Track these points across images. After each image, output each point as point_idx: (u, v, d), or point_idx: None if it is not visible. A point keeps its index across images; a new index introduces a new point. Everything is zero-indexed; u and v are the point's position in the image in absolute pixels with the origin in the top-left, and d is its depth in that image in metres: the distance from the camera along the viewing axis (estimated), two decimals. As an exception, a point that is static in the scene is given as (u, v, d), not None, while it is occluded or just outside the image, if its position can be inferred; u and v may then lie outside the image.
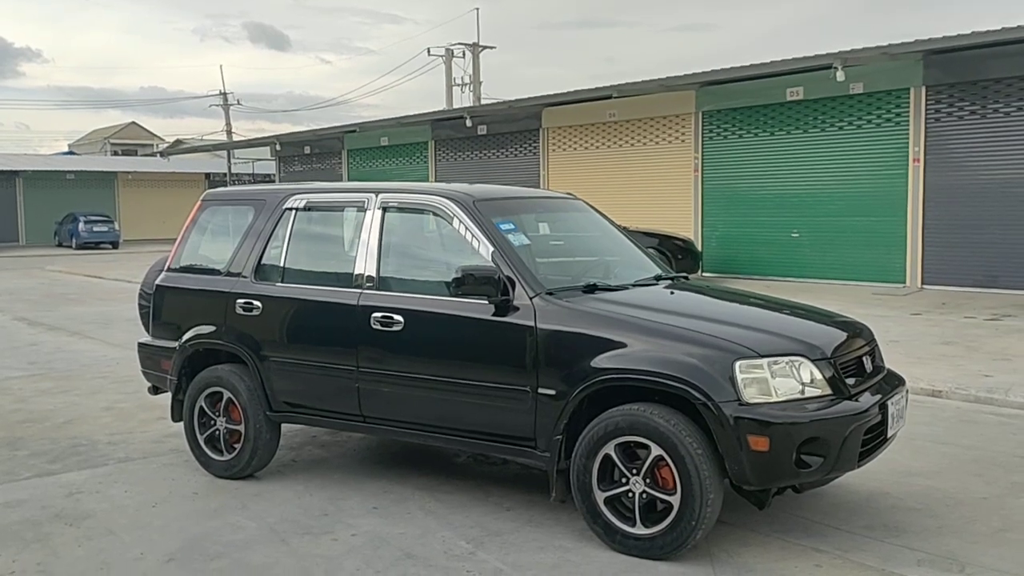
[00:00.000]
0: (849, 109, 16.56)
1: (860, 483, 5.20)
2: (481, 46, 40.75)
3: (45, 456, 6.11)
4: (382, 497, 5.15)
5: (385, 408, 5.05)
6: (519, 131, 23.28)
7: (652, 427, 4.12)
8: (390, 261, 5.14)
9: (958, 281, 15.16)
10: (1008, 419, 6.95)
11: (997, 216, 14.80)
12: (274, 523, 4.78)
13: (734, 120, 18.45)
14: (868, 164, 16.33)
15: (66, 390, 8.34)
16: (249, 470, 5.48)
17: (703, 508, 4.05)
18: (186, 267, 5.97)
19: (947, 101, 15.30)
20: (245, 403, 5.39)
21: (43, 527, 4.76)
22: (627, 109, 20.23)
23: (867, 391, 4.41)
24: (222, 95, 51.52)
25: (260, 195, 5.88)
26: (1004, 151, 14.77)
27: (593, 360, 4.31)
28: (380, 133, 27.80)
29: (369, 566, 4.19)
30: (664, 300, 4.95)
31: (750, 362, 4.09)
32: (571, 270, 5.25)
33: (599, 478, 4.30)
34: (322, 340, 5.23)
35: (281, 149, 33.08)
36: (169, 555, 4.36)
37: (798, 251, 17.48)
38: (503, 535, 4.55)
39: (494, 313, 4.61)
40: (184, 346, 5.69)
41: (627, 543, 4.24)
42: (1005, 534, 4.55)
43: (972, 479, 5.43)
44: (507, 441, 4.66)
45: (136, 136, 62.83)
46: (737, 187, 18.47)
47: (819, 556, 4.25)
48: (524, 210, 5.51)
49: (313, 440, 6.41)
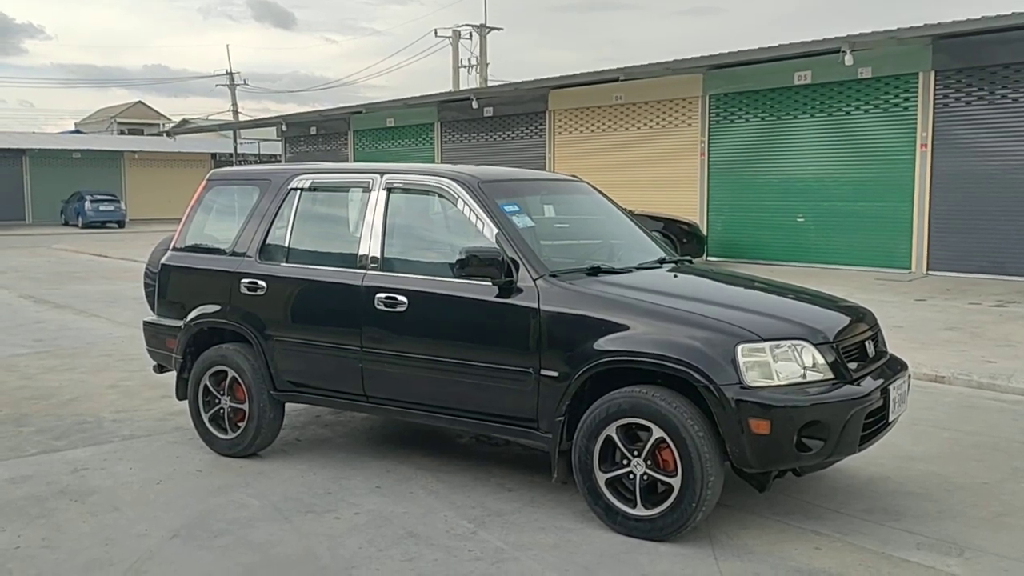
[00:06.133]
0: (857, 93, 16.47)
1: (861, 467, 5.22)
2: (488, 27, 40.62)
3: (50, 433, 6.15)
4: (385, 477, 5.19)
5: (388, 388, 5.07)
6: (525, 113, 23.20)
7: (654, 409, 4.13)
8: (394, 242, 5.14)
9: (964, 267, 15.13)
10: (1010, 405, 6.96)
11: (1004, 202, 14.75)
12: (277, 501, 4.81)
13: (741, 104, 18.37)
14: (875, 149, 16.26)
15: (72, 368, 8.38)
16: (253, 449, 5.52)
17: (704, 490, 4.07)
18: (191, 246, 5.99)
19: (955, 86, 15.21)
20: (249, 382, 5.42)
21: (48, 503, 4.80)
22: (633, 92, 20.15)
23: (869, 376, 4.42)
24: (228, 75, 51.44)
25: (265, 175, 5.89)
26: (1012, 137, 14.69)
27: (596, 342, 4.33)
28: (386, 114, 27.74)
29: (372, 544, 4.23)
30: (667, 283, 4.96)
31: (752, 345, 4.10)
32: (575, 252, 5.25)
33: (600, 460, 4.32)
34: (326, 320, 5.24)
35: (287, 130, 33.05)
36: (173, 531, 4.40)
37: (803, 236, 17.44)
38: (505, 515, 4.58)
39: (498, 295, 4.62)
40: (189, 325, 5.71)
41: (628, 524, 4.26)
42: (1005, 519, 4.57)
43: (973, 464, 5.45)
44: (509, 422, 4.68)
45: (142, 115, 62.77)
46: (743, 171, 18.42)
47: (818, 539, 4.27)
48: (529, 192, 5.51)
49: (317, 420, 6.44)
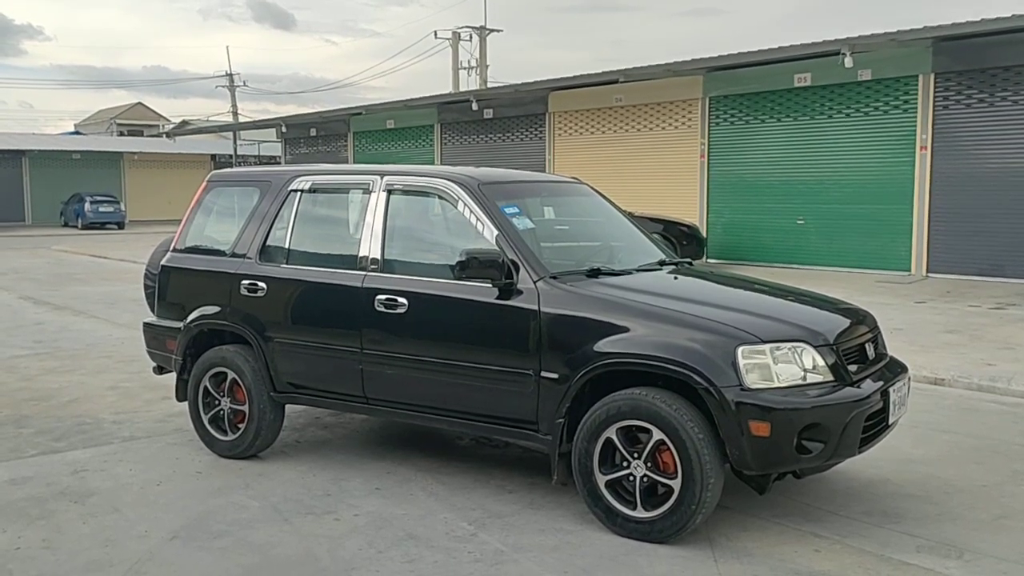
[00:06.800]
0: (857, 96, 16.48)
1: (860, 469, 5.22)
2: (488, 29, 40.63)
3: (50, 434, 6.15)
4: (385, 478, 5.19)
5: (388, 390, 5.07)
6: (525, 115, 23.21)
7: (654, 411, 4.13)
8: (394, 244, 5.14)
9: (964, 269, 15.13)
10: (1010, 408, 6.96)
11: (1004, 205, 14.75)
12: (277, 502, 4.81)
13: (741, 106, 18.38)
14: (875, 151, 16.26)
15: (71, 369, 8.38)
16: (253, 450, 5.52)
17: (703, 492, 4.07)
18: (191, 248, 5.99)
19: (955, 89, 15.22)
20: (249, 383, 5.42)
21: (48, 504, 4.80)
22: (634, 94, 20.16)
23: (869, 378, 4.42)
24: (228, 76, 51.49)
25: (265, 176, 5.89)
26: (1012, 140, 14.69)
27: (596, 344, 4.33)
28: (386, 116, 27.75)
29: (371, 546, 4.23)
30: (667, 285, 4.96)
31: (752, 347, 4.10)
32: (575, 254, 5.26)
33: (600, 462, 4.32)
34: (326, 322, 5.24)
35: (287, 131, 33.06)
36: (173, 533, 4.40)
37: (803, 238, 17.44)
38: (504, 517, 4.58)
39: (498, 296, 4.62)
40: (189, 326, 5.71)
41: (627, 526, 4.26)
42: (1004, 521, 4.57)
43: (972, 467, 5.45)
44: (509, 424, 4.68)
45: (142, 117, 62.78)
46: (743, 173, 18.42)
47: (818, 541, 4.27)
48: (529, 194, 5.52)
49: (316, 421, 6.44)
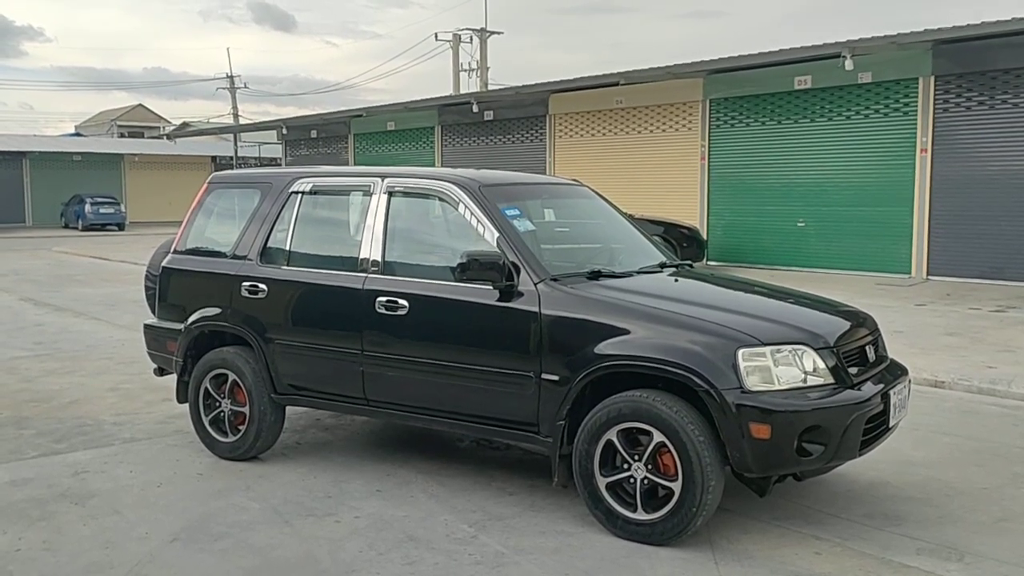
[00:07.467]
0: (857, 98, 16.49)
1: (861, 472, 5.22)
2: (488, 31, 40.68)
3: (51, 435, 6.15)
4: (385, 480, 5.18)
5: (389, 392, 5.07)
6: (526, 117, 23.23)
7: (654, 413, 4.14)
8: (395, 245, 5.15)
9: (964, 272, 15.13)
10: (1010, 410, 6.96)
11: (1004, 207, 14.76)
12: (278, 504, 4.81)
13: (742, 108, 18.39)
14: (875, 154, 16.28)
15: (72, 371, 8.38)
16: (253, 452, 5.52)
17: (704, 495, 4.07)
18: (192, 249, 5.99)
19: (955, 91, 15.23)
20: (250, 385, 5.41)
21: (49, 506, 4.80)
22: (634, 96, 20.17)
23: (869, 380, 4.42)
24: (228, 78, 51.53)
25: (266, 178, 5.89)
26: (1012, 142, 14.71)
27: (596, 346, 4.33)
28: (387, 118, 27.77)
29: (372, 548, 4.22)
30: (668, 287, 4.96)
31: (753, 350, 4.10)
32: (576, 256, 5.25)
33: (601, 464, 4.32)
34: (327, 323, 5.25)
35: (287, 133, 33.09)
36: (173, 535, 4.40)
37: (804, 240, 17.45)
38: (505, 519, 4.58)
39: (498, 298, 4.62)
40: (190, 328, 5.71)
41: (628, 528, 4.26)
42: (1005, 524, 4.57)
43: (973, 469, 5.45)
44: (510, 426, 4.68)
45: (143, 118, 62.83)
46: (743, 176, 18.43)
47: (819, 544, 4.27)
48: (530, 196, 5.52)
49: (317, 423, 6.44)
